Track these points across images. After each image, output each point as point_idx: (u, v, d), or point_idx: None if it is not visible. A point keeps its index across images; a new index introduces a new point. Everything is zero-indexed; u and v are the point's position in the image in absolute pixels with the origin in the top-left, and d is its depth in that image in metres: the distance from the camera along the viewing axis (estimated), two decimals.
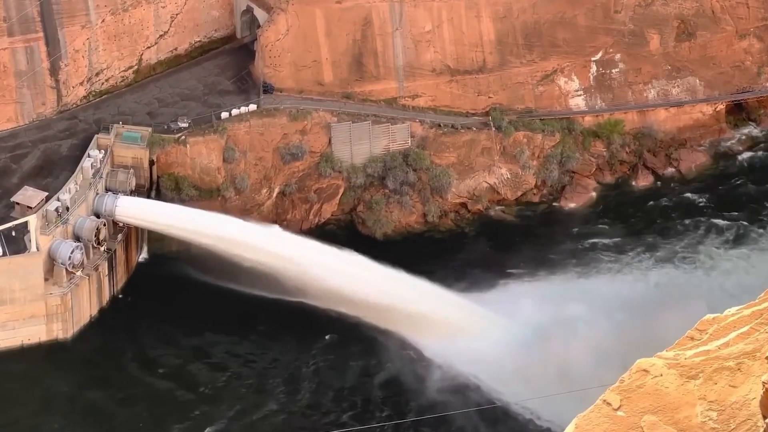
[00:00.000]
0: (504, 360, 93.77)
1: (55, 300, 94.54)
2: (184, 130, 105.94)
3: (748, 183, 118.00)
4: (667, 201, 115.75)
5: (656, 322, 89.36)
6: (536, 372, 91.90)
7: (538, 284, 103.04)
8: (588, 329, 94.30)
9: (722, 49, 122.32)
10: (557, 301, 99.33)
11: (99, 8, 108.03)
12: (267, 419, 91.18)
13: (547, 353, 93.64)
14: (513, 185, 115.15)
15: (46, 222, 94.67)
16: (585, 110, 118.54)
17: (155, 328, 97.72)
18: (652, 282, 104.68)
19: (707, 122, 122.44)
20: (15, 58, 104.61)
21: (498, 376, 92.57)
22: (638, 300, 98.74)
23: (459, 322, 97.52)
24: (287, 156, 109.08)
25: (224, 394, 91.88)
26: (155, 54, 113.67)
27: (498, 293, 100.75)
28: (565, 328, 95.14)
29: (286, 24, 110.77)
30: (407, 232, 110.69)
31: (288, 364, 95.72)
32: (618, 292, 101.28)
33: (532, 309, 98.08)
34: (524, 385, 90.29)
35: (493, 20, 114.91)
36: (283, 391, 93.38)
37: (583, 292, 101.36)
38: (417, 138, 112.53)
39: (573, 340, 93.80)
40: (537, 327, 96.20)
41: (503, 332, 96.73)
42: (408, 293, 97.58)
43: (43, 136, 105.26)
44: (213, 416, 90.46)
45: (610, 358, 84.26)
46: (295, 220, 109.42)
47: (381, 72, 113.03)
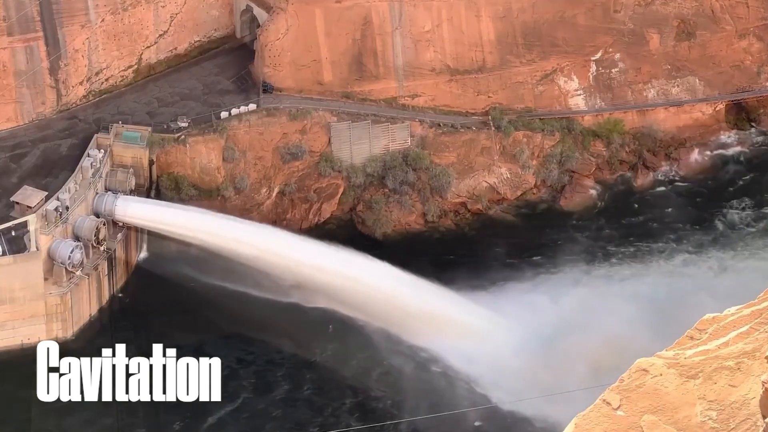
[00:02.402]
0: (503, 359, 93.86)
1: (55, 299, 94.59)
2: (183, 130, 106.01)
3: (747, 182, 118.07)
4: (666, 200, 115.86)
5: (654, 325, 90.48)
6: (533, 372, 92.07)
7: (536, 284, 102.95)
8: (583, 333, 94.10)
9: (722, 49, 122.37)
10: (557, 301, 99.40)
11: (99, 8, 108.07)
12: (268, 416, 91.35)
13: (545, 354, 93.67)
14: (513, 185, 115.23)
15: (46, 221, 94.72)
16: (585, 110, 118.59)
17: (155, 328, 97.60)
18: (651, 283, 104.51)
19: (707, 122, 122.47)
20: (15, 58, 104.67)
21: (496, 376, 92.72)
22: (645, 300, 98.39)
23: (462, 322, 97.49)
24: (287, 155, 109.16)
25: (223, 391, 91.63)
26: (155, 53, 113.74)
27: (500, 292, 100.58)
28: (563, 329, 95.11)
29: (286, 23, 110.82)
30: (407, 231, 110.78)
31: (288, 360, 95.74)
32: (618, 293, 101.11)
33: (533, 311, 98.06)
34: (521, 384, 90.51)
35: (492, 20, 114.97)
36: (284, 389, 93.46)
37: (582, 292, 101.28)
38: (416, 137, 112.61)
39: (570, 340, 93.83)
40: (535, 329, 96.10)
41: (504, 333, 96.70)
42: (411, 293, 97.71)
43: (43, 135, 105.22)
44: (211, 411, 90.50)
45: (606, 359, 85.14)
46: (294, 220, 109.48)
47: (381, 71, 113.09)
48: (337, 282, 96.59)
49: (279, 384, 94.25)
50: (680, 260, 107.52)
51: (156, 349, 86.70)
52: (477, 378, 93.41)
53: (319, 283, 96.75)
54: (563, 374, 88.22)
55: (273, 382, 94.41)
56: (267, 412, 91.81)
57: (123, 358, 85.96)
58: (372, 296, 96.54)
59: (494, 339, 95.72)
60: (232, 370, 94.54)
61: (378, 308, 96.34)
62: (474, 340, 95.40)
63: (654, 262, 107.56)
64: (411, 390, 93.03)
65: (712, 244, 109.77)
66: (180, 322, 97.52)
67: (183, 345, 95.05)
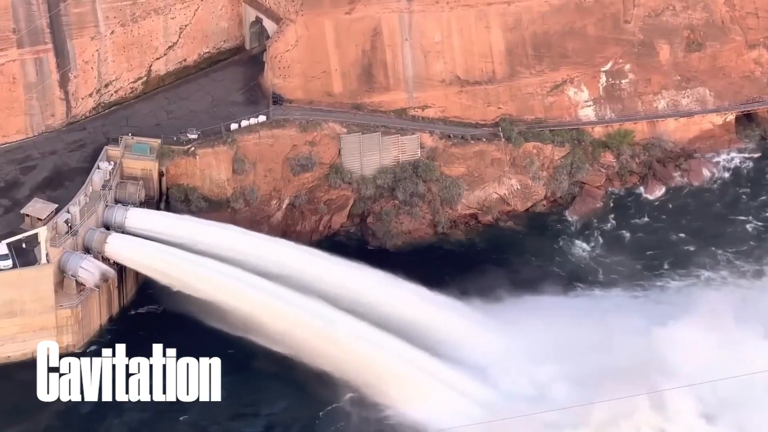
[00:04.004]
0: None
1: (66, 312, 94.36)
2: (193, 142, 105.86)
3: (758, 193, 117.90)
4: (677, 212, 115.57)
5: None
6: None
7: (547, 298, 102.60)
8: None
9: (732, 60, 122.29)
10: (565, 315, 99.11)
11: (108, 19, 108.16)
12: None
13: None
14: (523, 196, 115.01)
15: (56, 234, 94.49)
16: (595, 121, 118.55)
17: (163, 340, 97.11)
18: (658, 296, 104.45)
19: (717, 132, 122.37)
20: (24, 70, 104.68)
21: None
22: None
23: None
24: (297, 167, 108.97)
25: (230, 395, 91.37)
26: (164, 65, 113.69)
27: (514, 306, 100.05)
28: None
29: (295, 35, 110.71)
30: (417, 243, 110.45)
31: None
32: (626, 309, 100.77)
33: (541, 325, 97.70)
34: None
35: (502, 31, 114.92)
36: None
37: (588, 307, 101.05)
38: (427, 149, 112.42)
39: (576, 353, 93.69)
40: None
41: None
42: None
43: (53, 147, 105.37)
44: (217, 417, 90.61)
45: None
46: (304, 232, 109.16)
47: (390, 83, 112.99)
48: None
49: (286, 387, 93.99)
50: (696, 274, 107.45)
51: (156, 349, 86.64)
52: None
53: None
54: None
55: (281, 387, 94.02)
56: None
57: (123, 358, 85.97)
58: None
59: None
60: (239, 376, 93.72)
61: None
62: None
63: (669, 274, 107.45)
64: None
65: (725, 256, 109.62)
66: (188, 333, 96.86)
67: (191, 356, 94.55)
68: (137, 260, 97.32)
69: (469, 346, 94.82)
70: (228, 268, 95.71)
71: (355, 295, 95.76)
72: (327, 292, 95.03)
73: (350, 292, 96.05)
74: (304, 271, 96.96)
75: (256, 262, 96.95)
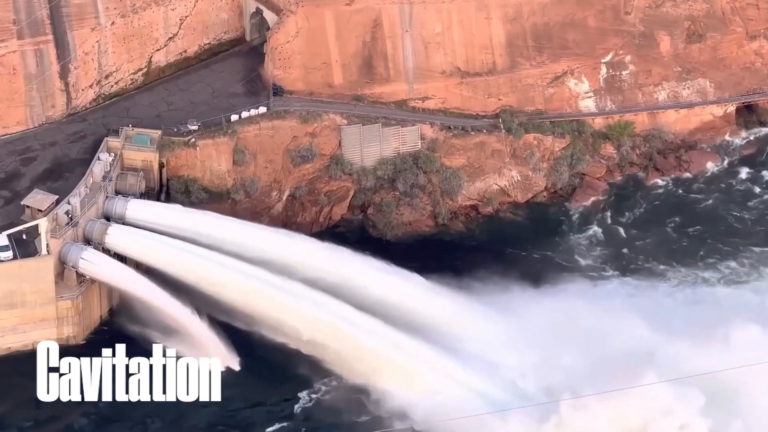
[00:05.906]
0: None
1: (66, 303, 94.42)
2: (193, 133, 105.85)
3: (758, 185, 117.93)
4: (677, 203, 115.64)
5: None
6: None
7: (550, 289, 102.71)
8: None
9: (732, 51, 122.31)
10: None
11: (108, 11, 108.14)
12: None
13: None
14: (523, 187, 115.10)
15: (57, 225, 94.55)
16: (595, 112, 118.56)
17: (164, 331, 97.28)
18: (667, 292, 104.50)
19: (717, 124, 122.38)
20: (25, 61, 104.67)
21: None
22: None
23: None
24: (297, 158, 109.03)
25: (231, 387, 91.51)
26: (164, 56, 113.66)
27: (514, 296, 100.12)
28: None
29: (296, 26, 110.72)
30: (417, 234, 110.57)
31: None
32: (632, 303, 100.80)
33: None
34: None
35: (503, 22, 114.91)
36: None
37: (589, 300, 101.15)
38: (427, 140, 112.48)
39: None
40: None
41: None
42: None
43: (53, 139, 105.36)
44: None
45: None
46: (304, 223, 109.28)
47: (391, 74, 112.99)
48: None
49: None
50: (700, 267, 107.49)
51: (156, 349, 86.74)
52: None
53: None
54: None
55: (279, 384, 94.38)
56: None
57: (123, 358, 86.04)
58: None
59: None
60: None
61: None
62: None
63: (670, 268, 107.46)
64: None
65: (727, 250, 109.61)
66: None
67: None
68: (138, 251, 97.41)
69: (466, 336, 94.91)
70: (228, 259, 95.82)
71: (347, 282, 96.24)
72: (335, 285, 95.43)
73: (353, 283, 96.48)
74: (305, 263, 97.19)
75: (257, 252, 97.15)
